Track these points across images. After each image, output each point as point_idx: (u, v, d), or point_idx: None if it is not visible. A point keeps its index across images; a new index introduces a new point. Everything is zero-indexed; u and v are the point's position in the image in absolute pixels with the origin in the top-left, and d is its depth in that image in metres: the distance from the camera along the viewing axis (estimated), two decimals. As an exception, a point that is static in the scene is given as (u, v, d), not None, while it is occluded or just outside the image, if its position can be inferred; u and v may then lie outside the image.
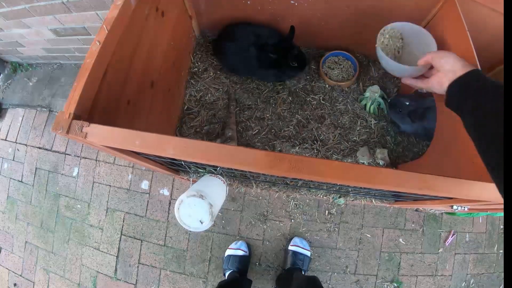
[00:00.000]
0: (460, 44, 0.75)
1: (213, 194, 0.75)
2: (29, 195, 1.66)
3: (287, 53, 1.06)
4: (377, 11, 0.95)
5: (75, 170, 1.63)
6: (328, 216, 1.48)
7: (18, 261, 1.60)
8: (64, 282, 1.52)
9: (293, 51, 1.07)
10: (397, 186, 0.53)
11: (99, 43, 0.60)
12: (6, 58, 1.91)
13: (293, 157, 0.52)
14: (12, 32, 1.53)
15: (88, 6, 1.24)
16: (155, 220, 1.52)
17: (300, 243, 1.40)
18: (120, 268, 1.49)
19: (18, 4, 1.27)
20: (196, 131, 1.16)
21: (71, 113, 0.53)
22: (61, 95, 1.78)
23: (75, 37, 1.49)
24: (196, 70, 1.22)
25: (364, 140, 1.14)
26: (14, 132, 1.77)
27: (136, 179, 1.58)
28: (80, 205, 1.59)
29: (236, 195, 1.51)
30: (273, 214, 1.49)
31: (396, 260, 1.45)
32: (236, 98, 1.19)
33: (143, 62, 0.81)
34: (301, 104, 1.18)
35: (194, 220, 0.72)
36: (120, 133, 0.52)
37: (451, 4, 0.80)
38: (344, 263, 1.45)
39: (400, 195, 0.91)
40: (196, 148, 0.52)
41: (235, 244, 1.42)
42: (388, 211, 1.49)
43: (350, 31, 1.08)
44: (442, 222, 1.50)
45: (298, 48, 1.10)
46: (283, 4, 1.00)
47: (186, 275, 1.46)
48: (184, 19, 1.07)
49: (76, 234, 1.56)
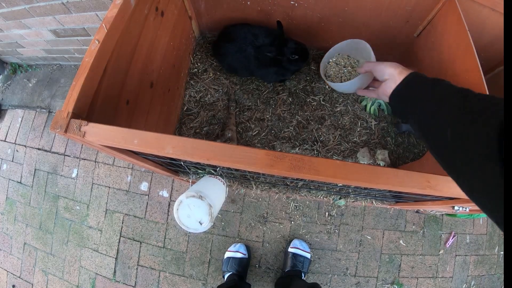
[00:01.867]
0: (461, 44, 0.75)
1: (212, 195, 0.74)
2: (28, 196, 1.65)
3: (284, 48, 1.04)
4: (377, 11, 0.95)
5: (74, 171, 1.63)
6: (328, 218, 1.48)
7: (16, 263, 1.59)
8: (62, 283, 1.51)
9: (290, 45, 1.05)
10: (399, 186, 0.52)
11: (98, 42, 0.59)
12: (6, 59, 1.91)
13: (293, 156, 0.51)
14: (11, 33, 1.53)
15: (88, 6, 1.23)
16: (154, 222, 1.51)
17: (300, 245, 1.39)
18: (119, 270, 1.48)
19: (18, 4, 1.27)
20: (195, 132, 1.15)
21: (70, 112, 0.53)
22: (61, 96, 1.78)
23: (75, 38, 1.49)
24: (195, 71, 1.22)
25: (365, 141, 1.14)
26: (14, 133, 1.76)
27: (136, 180, 1.57)
28: (79, 207, 1.58)
29: (235, 197, 1.50)
30: (273, 216, 1.48)
31: (396, 262, 1.45)
32: (236, 99, 1.19)
33: (142, 62, 0.81)
34: (301, 105, 1.18)
35: (193, 221, 0.72)
36: (119, 132, 0.52)
37: (452, 4, 0.80)
38: (344, 265, 1.44)
39: (401, 196, 0.91)
40: (196, 147, 0.51)
41: (234, 247, 1.42)
42: (389, 213, 1.48)
43: (350, 32, 1.08)
44: (442, 223, 1.49)
45: (295, 41, 1.06)
46: (283, 5, 1.00)
47: (186, 277, 1.45)
48: (184, 20, 1.07)
49: (75, 235, 1.55)
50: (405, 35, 1.03)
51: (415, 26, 0.98)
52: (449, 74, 0.79)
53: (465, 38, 0.73)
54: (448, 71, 0.80)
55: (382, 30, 1.03)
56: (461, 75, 0.73)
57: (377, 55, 1.22)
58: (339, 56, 1.03)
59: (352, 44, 0.98)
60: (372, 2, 0.92)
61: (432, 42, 0.92)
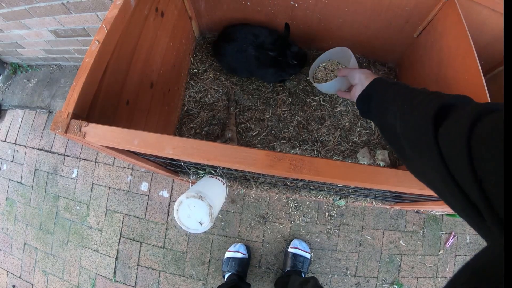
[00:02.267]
0: (461, 44, 0.75)
1: (212, 195, 0.74)
2: (28, 197, 1.65)
3: (286, 51, 1.06)
4: (377, 12, 0.95)
5: (74, 171, 1.63)
6: (328, 218, 1.48)
7: (17, 263, 1.59)
8: (63, 284, 1.51)
9: (292, 49, 1.07)
10: (399, 186, 0.52)
11: (98, 43, 0.59)
12: (6, 59, 1.91)
13: (293, 157, 0.51)
14: (12, 33, 1.53)
15: (88, 7, 1.23)
16: (155, 222, 1.51)
17: (300, 245, 1.39)
18: (119, 270, 1.48)
19: (18, 5, 1.27)
20: (195, 132, 1.15)
21: (70, 112, 0.53)
22: (61, 97, 1.78)
23: (75, 38, 1.49)
24: (196, 71, 1.22)
25: (365, 141, 1.14)
26: (14, 133, 1.76)
27: (136, 180, 1.57)
28: (79, 207, 1.58)
29: (235, 197, 1.50)
30: (273, 216, 1.48)
31: (396, 262, 1.45)
32: (236, 99, 1.19)
33: (142, 62, 0.81)
34: (301, 105, 1.18)
35: (194, 221, 0.72)
36: (119, 132, 0.52)
37: (451, 5, 0.80)
38: (344, 265, 1.44)
39: (401, 196, 0.91)
40: (196, 147, 0.52)
41: (234, 247, 1.42)
42: (389, 213, 1.48)
43: (350, 32, 1.08)
44: (442, 223, 1.49)
45: (297, 46, 1.09)
46: (283, 5, 1.00)
47: (186, 277, 1.45)
48: (183, 20, 1.07)
49: (75, 235, 1.55)
50: (405, 35, 1.03)
51: (415, 26, 0.98)
52: (449, 74, 0.79)
53: (465, 38, 0.73)
54: (448, 71, 0.80)
55: (382, 30, 1.03)
56: (461, 75, 0.73)
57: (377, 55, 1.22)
58: (328, 62, 1.10)
59: (340, 52, 1.05)
60: (372, 3, 0.92)
61: (432, 42, 0.92)
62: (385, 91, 0.59)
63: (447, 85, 0.79)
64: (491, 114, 0.32)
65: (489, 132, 0.30)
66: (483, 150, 0.29)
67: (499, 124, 0.29)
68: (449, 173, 0.34)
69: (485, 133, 0.30)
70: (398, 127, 0.47)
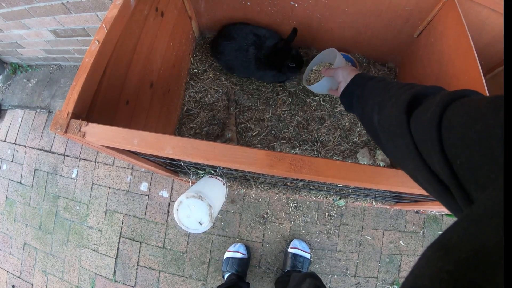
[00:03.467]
0: (461, 44, 0.75)
1: (212, 195, 0.74)
2: (28, 197, 1.65)
3: (286, 54, 1.06)
4: (377, 12, 0.95)
5: (74, 171, 1.63)
6: (328, 218, 1.48)
7: (16, 263, 1.59)
8: (62, 284, 1.51)
9: (292, 52, 1.07)
10: (399, 186, 0.52)
11: (98, 43, 0.59)
12: (6, 59, 1.91)
13: (293, 157, 0.51)
14: (11, 33, 1.53)
15: (88, 7, 1.23)
16: (154, 222, 1.51)
17: (300, 245, 1.39)
18: (119, 270, 1.48)
19: (18, 4, 1.27)
20: (195, 132, 1.15)
21: (70, 112, 0.53)
22: (61, 97, 1.78)
23: (75, 38, 1.49)
24: (195, 71, 1.22)
25: (365, 141, 1.14)
26: (13, 133, 1.76)
27: (135, 181, 1.57)
28: (79, 207, 1.58)
29: (235, 197, 1.50)
30: (272, 216, 1.48)
31: (396, 262, 1.44)
32: (235, 99, 1.19)
33: (142, 62, 0.81)
34: (301, 105, 1.18)
35: (193, 222, 0.72)
36: (119, 132, 0.52)
37: (451, 5, 0.80)
38: (344, 266, 1.44)
39: (401, 196, 0.90)
40: (195, 147, 0.51)
41: (233, 247, 1.42)
42: (389, 213, 1.48)
43: (350, 32, 1.08)
44: (442, 223, 1.49)
45: (296, 49, 1.10)
46: (283, 5, 1.00)
47: (185, 278, 1.45)
48: (183, 20, 1.07)
49: (75, 235, 1.55)
50: (405, 35, 1.03)
51: (415, 26, 0.98)
52: (449, 74, 0.79)
53: (465, 38, 0.73)
54: (448, 71, 0.80)
55: (382, 30, 1.03)
56: (461, 75, 0.73)
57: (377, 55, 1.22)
58: (321, 65, 1.10)
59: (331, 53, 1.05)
60: (372, 3, 0.92)
61: (432, 42, 0.92)
62: (364, 85, 0.61)
63: (447, 85, 0.79)
64: (460, 99, 0.33)
65: (459, 116, 0.31)
66: (452, 134, 0.30)
67: (468, 108, 0.30)
68: (422, 159, 0.36)
69: (454, 117, 0.31)
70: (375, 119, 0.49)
